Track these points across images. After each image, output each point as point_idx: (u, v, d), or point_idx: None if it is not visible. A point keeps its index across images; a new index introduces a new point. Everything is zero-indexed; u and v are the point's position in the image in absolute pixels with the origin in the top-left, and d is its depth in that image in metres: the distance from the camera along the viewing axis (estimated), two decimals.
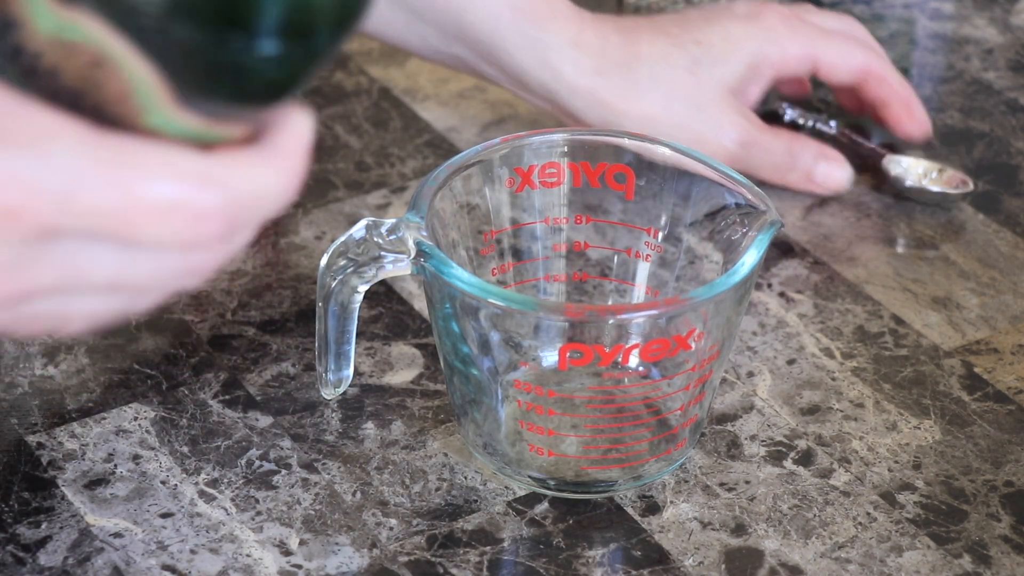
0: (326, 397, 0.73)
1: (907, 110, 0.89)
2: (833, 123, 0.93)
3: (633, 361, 0.71)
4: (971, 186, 0.87)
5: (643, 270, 0.74)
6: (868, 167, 0.90)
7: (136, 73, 0.48)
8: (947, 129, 0.94)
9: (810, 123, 0.93)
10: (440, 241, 0.69)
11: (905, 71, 0.99)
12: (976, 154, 0.92)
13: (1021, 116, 0.95)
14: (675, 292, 0.73)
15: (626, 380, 0.71)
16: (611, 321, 0.68)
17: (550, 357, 0.72)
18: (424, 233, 0.67)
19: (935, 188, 0.87)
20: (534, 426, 0.69)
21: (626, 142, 0.73)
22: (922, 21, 1.03)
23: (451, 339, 0.68)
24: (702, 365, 0.68)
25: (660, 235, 0.73)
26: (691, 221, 0.73)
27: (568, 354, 0.67)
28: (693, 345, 0.67)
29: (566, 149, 0.74)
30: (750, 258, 0.66)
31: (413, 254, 0.67)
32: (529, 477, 0.70)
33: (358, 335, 0.74)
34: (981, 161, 0.91)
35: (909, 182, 0.88)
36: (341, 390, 0.73)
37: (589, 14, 0.87)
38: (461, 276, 0.66)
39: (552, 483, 0.70)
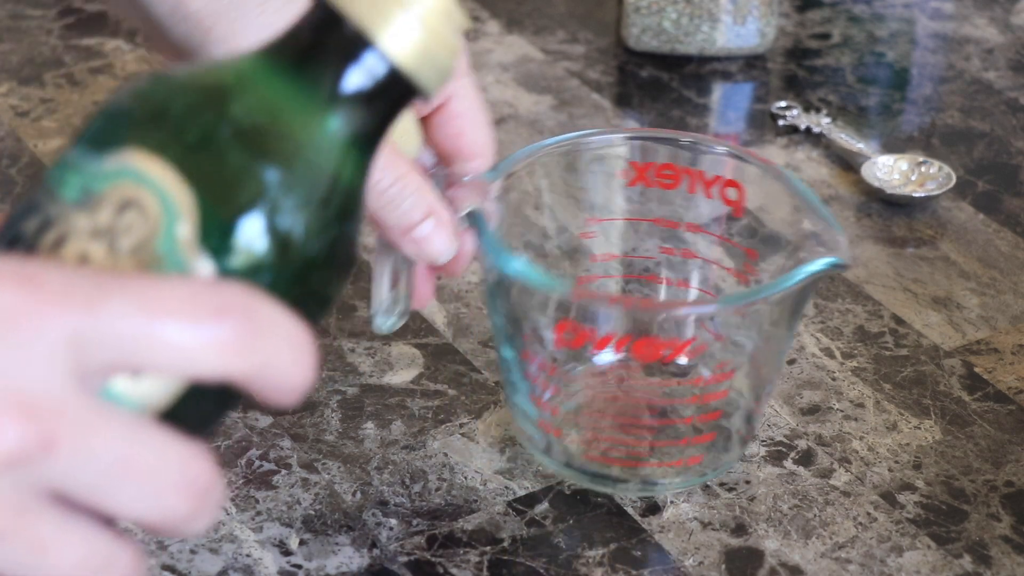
0: (382, 330, 0.70)
1: None
2: (827, 121, 0.93)
3: (684, 360, 0.71)
4: (953, 179, 0.87)
5: (707, 277, 0.73)
6: (860, 168, 0.90)
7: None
8: (947, 129, 0.94)
9: (804, 123, 0.93)
10: (511, 213, 0.68)
11: (905, 71, 0.99)
12: (976, 154, 0.92)
13: (1021, 116, 0.95)
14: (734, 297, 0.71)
15: (675, 381, 0.71)
16: (665, 316, 0.68)
17: (599, 353, 0.71)
18: (493, 198, 0.67)
19: (917, 194, 0.87)
20: (580, 420, 0.70)
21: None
22: (922, 21, 1.03)
23: (498, 317, 0.68)
24: (758, 369, 0.68)
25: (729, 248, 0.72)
26: (762, 238, 0.71)
27: (618, 349, 0.67)
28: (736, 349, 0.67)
29: (689, 155, 0.72)
30: (791, 280, 0.64)
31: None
32: (568, 467, 0.69)
33: (358, 335, 0.74)
34: (981, 161, 0.91)
35: (890, 191, 0.88)
36: (399, 323, 0.70)
37: None
38: (513, 261, 0.65)
39: (587, 477, 0.69)
